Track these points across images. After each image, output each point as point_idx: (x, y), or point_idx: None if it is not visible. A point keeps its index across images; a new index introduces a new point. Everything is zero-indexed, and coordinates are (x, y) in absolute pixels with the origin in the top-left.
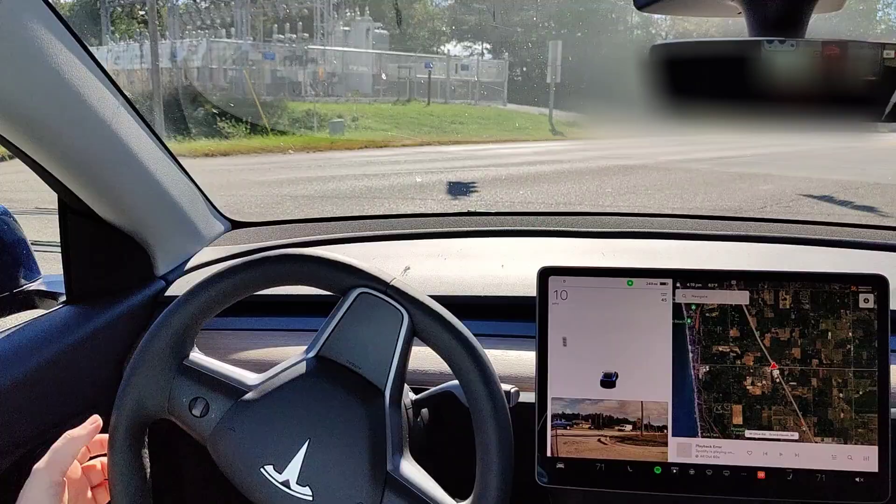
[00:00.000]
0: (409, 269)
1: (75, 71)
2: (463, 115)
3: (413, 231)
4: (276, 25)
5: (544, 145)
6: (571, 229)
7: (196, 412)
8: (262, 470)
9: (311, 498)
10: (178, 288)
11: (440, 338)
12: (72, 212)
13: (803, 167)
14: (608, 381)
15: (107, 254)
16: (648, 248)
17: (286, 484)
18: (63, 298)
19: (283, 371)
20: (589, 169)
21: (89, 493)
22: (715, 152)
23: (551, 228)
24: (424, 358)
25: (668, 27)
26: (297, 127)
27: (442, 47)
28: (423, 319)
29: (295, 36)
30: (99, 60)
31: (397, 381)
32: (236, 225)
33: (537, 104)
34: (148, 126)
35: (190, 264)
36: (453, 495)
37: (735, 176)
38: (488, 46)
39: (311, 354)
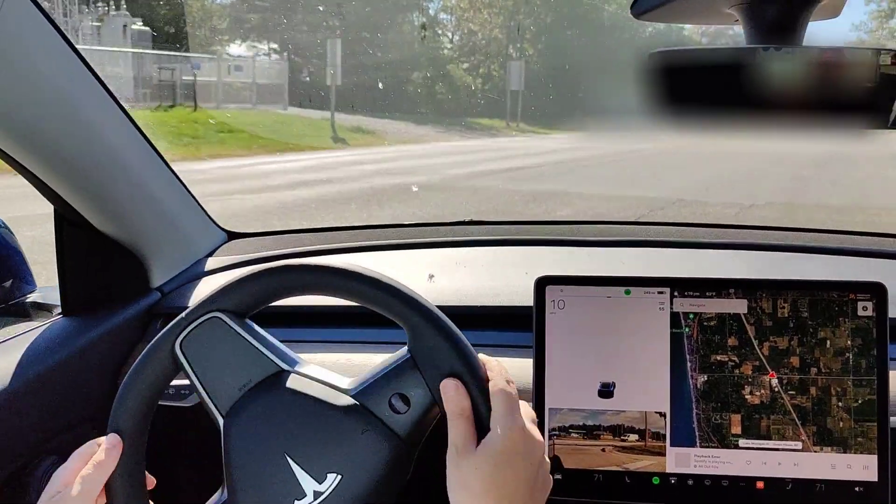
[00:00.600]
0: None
1: (71, 82)
2: (233, 123)
3: (415, 241)
4: None
5: (321, 156)
6: (569, 238)
7: None
8: None
9: (341, 476)
10: (173, 300)
11: (262, 287)
12: (68, 223)
13: (593, 180)
14: (606, 390)
15: (103, 265)
16: (647, 256)
17: (318, 494)
18: (59, 310)
19: (224, 464)
20: (362, 192)
21: None
22: (501, 162)
23: (549, 238)
24: None
25: (453, 27)
26: None
27: (225, 47)
28: (235, 296)
29: None
30: (95, 70)
31: (277, 351)
32: (233, 236)
33: (322, 108)
34: (144, 136)
35: (187, 276)
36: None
37: (528, 197)
38: (275, 46)
39: (221, 423)
